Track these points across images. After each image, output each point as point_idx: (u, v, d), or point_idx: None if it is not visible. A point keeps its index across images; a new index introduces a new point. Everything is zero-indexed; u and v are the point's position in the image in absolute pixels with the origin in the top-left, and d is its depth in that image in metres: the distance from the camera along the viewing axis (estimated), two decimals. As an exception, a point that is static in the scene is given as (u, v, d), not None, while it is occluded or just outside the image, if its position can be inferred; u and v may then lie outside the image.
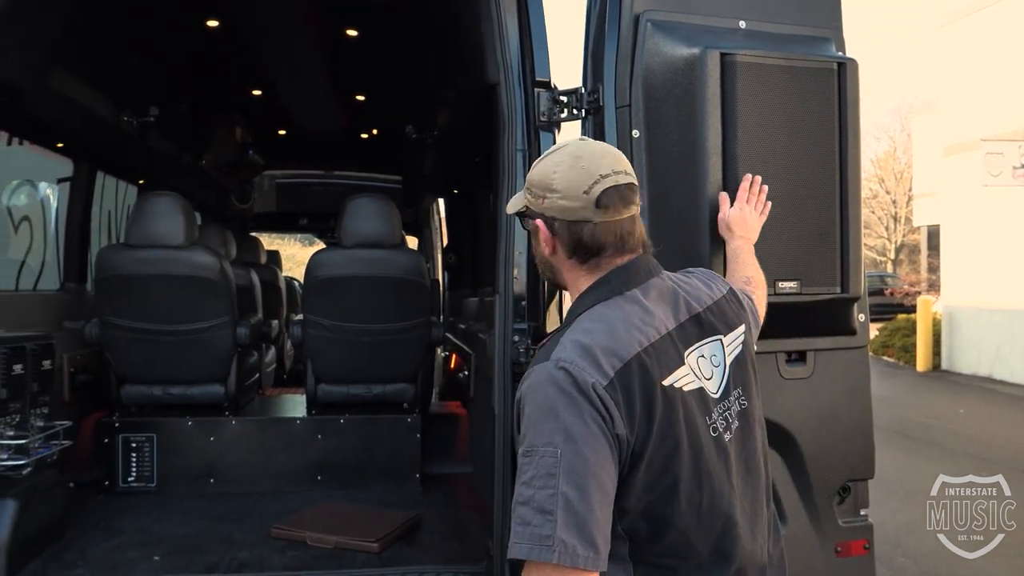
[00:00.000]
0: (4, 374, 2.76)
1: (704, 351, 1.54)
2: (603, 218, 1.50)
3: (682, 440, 1.41)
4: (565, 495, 1.29)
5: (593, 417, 1.34)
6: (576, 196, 1.50)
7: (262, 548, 3.06)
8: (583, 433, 1.33)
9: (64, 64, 3.53)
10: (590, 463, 1.32)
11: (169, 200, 3.67)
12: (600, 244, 1.52)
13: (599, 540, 1.31)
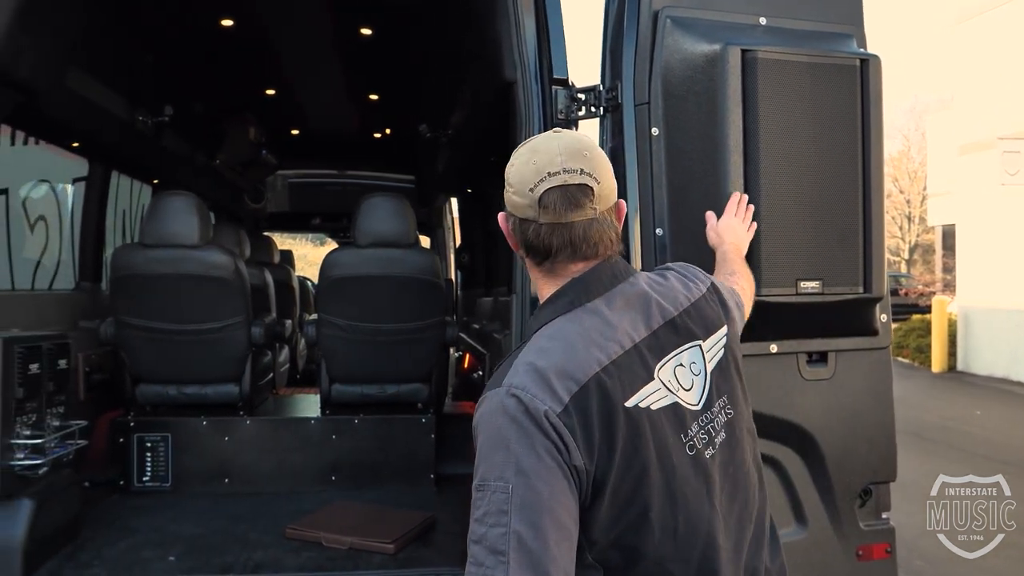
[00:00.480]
0: (21, 373, 2.76)
1: (683, 359, 1.42)
2: (547, 219, 1.36)
3: (650, 465, 1.30)
4: (518, 533, 1.20)
5: (547, 448, 1.24)
6: (524, 193, 1.37)
7: (277, 548, 3.05)
8: (535, 467, 1.23)
9: (80, 64, 3.53)
10: (543, 498, 1.21)
11: (184, 199, 3.67)
12: (548, 246, 1.38)
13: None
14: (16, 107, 3.10)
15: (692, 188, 2.45)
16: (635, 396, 1.32)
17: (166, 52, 4.48)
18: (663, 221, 2.49)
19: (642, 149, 2.51)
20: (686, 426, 1.37)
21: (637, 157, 2.51)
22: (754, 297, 2.10)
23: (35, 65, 2.96)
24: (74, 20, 3.23)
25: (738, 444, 1.47)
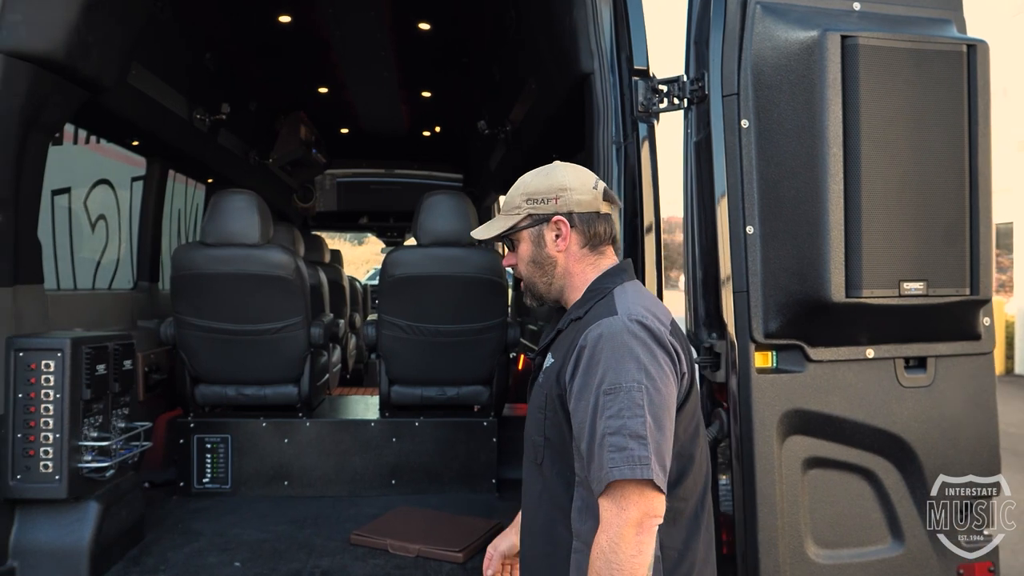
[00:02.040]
0: (88, 374, 2.71)
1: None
2: (608, 210, 1.81)
3: (697, 391, 1.71)
4: (651, 425, 1.52)
5: (665, 360, 1.59)
6: (587, 191, 1.79)
7: (343, 555, 2.97)
8: (659, 374, 1.57)
9: (141, 61, 3.50)
10: (665, 398, 1.56)
11: (245, 198, 3.61)
12: (610, 232, 1.81)
13: (667, 465, 1.55)
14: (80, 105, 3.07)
15: (786, 183, 2.31)
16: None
17: (224, 49, 4.45)
18: (754, 219, 2.35)
19: (731, 142, 2.38)
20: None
21: (725, 151, 2.38)
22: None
23: (100, 62, 2.92)
24: (137, 16, 3.19)
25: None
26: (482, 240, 1.96)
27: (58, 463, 2.61)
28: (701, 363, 2.44)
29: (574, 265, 1.79)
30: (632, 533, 1.49)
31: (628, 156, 2.61)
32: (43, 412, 2.61)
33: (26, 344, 2.62)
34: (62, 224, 3.76)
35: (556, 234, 1.79)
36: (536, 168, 1.88)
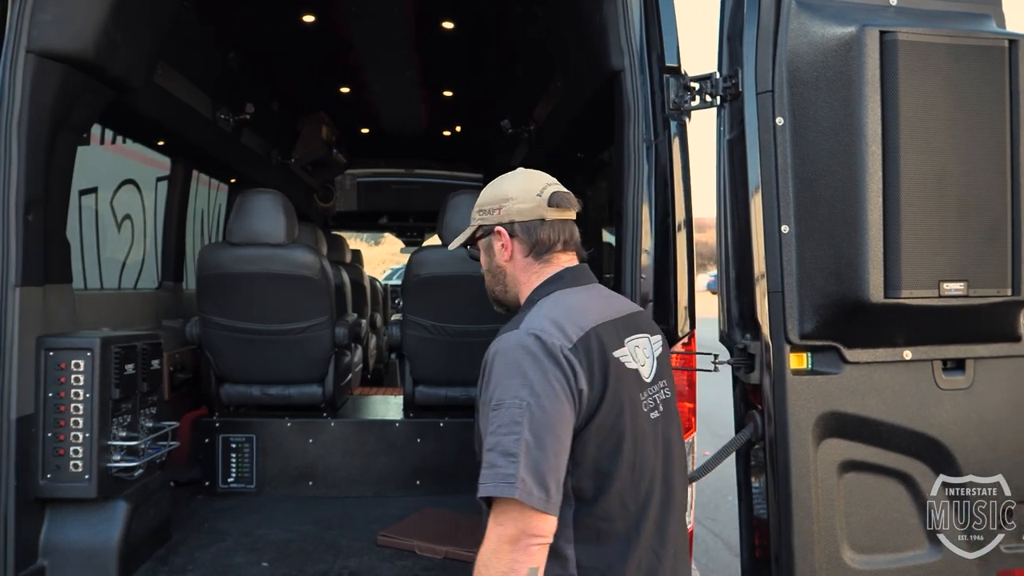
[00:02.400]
0: (117, 374, 2.71)
1: (639, 342, 1.74)
2: (554, 216, 1.77)
3: (626, 405, 1.62)
4: (527, 441, 1.48)
5: (556, 376, 1.53)
6: (530, 199, 1.77)
7: (370, 556, 2.96)
8: (546, 390, 1.52)
9: (168, 61, 3.50)
10: (549, 416, 1.51)
11: (270, 197, 3.61)
12: (554, 239, 1.77)
13: (551, 485, 1.49)
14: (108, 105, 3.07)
15: (823, 182, 2.27)
16: (618, 351, 1.66)
17: (248, 49, 4.46)
18: (789, 218, 2.31)
19: (765, 140, 2.34)
20: (643, 388, 1.70)
21: (760, 149, 2.34)
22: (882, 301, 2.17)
23: (129, 62, 2.92)
24: (164, 16, 3.19)
25: (672, 421, 1.79)
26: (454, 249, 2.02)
27: (88, 462, 2.62)
28: (735, 364, 2.41)
29: (520, 274, 1.80)
30: (507, 550, 1.48)
31: (659, 154, 2.58)
32: (73, 412, 2.62)
33: (56, 344, 2.62)
34: (89, 224, 3.78)
35: (501, 244, 1.80)
36: (502, 176, 1.89)
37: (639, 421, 1.64)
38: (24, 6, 2.49)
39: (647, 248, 2.57)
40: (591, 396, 1.57)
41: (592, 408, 1.57)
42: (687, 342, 2.52)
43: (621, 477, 1.59)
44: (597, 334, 1.62)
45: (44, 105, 2.58)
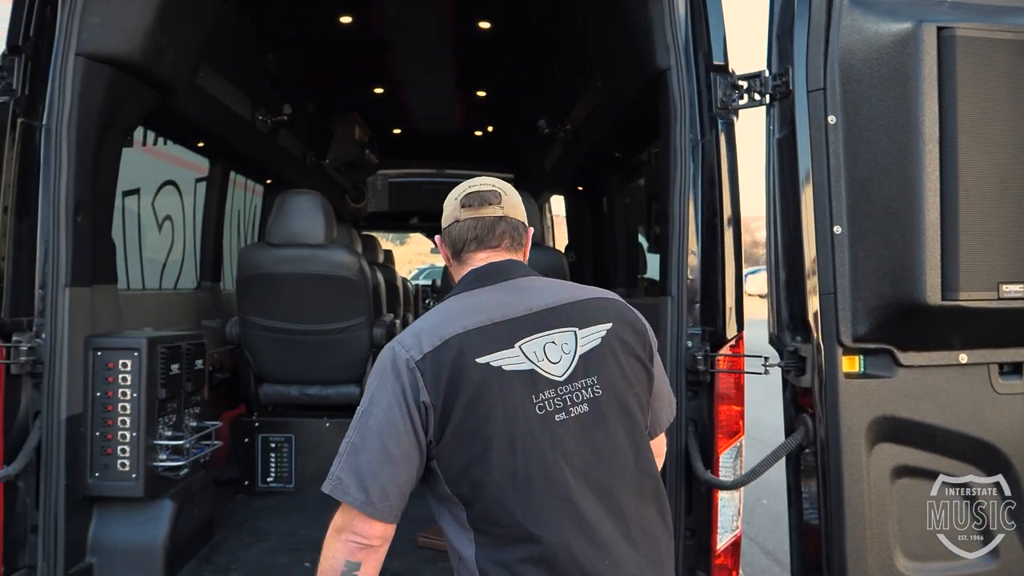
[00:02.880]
0: (163, 374, 2.74)
1: (556, 339, 1.65)
2: (467, 215, 1.77)
3: (494, 412, 1.55)
4: (354, 444, 1.57)
5: (394, 389, 1.56)
6: (451, 202, 1.82)
7: (411, 557, 2.96)
8: (381, 400, 1.57)
9: (209, 63, 3.52)
10: (380, 424, 1.55)
11: (309, 198, 3.62)
12: (464, 237, 1.77)
13: (372, 488, 1.54)
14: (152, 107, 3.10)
15: (877, 181, 2.22)
16: (488, 356, 1.59)
17: (286, 50, 4.48)
18: (842, 218, 2.26)
19: (816, 139, 2.29)
20: (539, 390, 1.60)
21: (811, 148, 2.30)
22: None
23: (174, 64, 2.95)
24: (207, 18, 3.22)
25: (604, 421, 1.64)
26: None
27: (135, 462, 2.64)
28: (785, 367, 2.37)
29: (454, 277, 1.84)
30: (332, 537, 1.61)
31: (706, 154, 2.54)
32: (120, 411, 2.64)
33: (104, 344, 2.64)
34: (131, 224, 3.81)
35: (443, 253, 1.89)
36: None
37: (519, 425, 1.55)
38: (74, 9, 2.52)
39: (693, 249, 2.55)
40: (440, 406, 1.55)
41: (444, 418, 1.55)
42: (735, 344, 2.48)
43: (497, 485, 1.53)
44: (459, 342, 1.58)
45: (92, 107, 2.61)
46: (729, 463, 2.48)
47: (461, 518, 1.58)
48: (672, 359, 2.51)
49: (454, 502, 1.58)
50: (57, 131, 2.49)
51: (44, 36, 2.50)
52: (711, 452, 2.47)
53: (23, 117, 2.45)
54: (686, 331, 2.52)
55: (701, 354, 2.47)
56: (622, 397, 1.67)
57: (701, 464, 2.43)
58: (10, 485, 2.41)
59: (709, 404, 2.49)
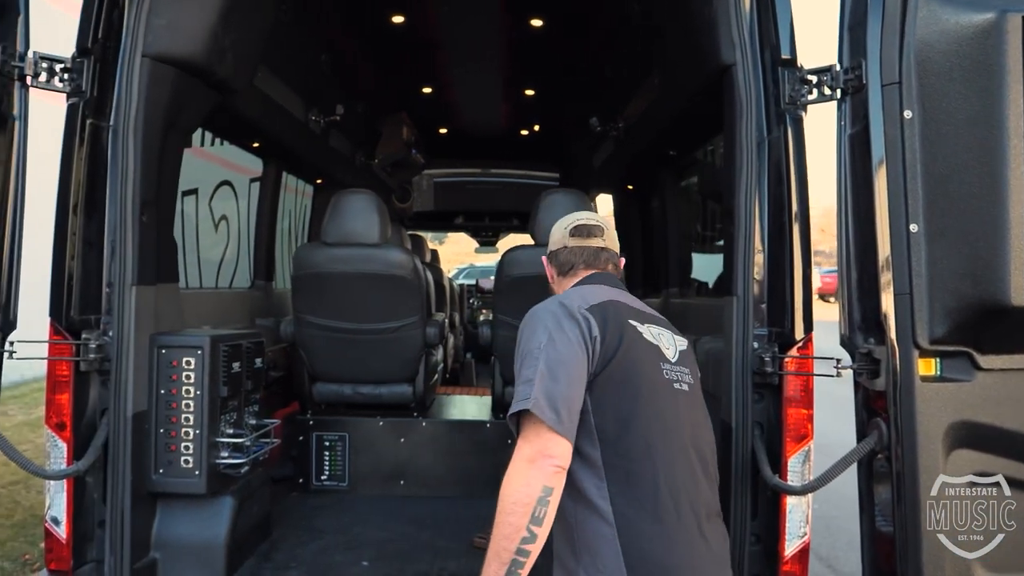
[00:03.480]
0: (225, 372, 2.76)
1: (661, 331, 1.98)
2: (574, 243, 2.16)
3: (642, 361, 1.85)
4: (542, 372, 1.73)
5: (571, 327, 1.80)
6: (559, 231, 2.23)
7: (468, 558, 2.95)
8: (560, 337, 1.78)
9: (266, 63, 3.55)
10: (562, 355, 1.76)
11: (364, 197, 3.63)
12: (574, 261, 2.15)
13: (562, 409, 1.70)
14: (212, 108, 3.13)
15: (957, 178, 2.14)
16: (632, 320, 1.91)
17: (339, 51, 4.51)
18: (918, 216, 2.18)
19: (891, 135, 2.22)
20: (664, 361, 1.91)
21: (885, 144, 2.22)
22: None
23: (234, 65, 2.97)
24: (265, 19, 3.24)
25: (698, 406, 1.95)
26: None
27: (198, 459, 2.67)
28: (858, 369, 2.30)
29: (556, 284, 2.21)
30: (524, 467, 1.67)
31: (773, 150, 2.48)
32: (184, 408, 2.67)
33: (168, 341, 2.68)
34: (189, 224, 3.86)
35: (547, 270, 2.26)
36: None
37: (657, 377, 1.85)
38: (140, 11, 2.55)
39: (760, 247, 2.48)
40: (605, 344, 1.81)
41: (607, 355, 1.80)
42: (803, 346, 2.42)
43: (642, 418, 1.78)
44: (614, 304, 1.92)
45: (157, 108, 2.64)
46: (797, 468, 2.41)
47: (594, 456, 1.75)
48: (738, 360, 2.46)
49: (590, 438, 1.76)
50: (124, 131, 2.52)
51: (112, 38, 2.53)
52: (778, 456, 2.41)
53: (92, 118, 2.49)
54: (752, 332, 2.46)
55: (769, 355, 2.41)
56: (700, 395, 1.99)
57: (769, 468, 2.37)
58: (79, 480, 2.46)
59: (776, 407, 2.43)
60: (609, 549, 1.70)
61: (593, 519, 1.72)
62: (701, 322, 3.66)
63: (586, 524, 1.73)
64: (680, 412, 1.86)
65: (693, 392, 1.94)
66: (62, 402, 2.44)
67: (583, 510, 1.73)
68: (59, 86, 2.44)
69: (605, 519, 1.72)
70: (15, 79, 2.33)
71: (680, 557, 1.73)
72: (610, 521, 1.72)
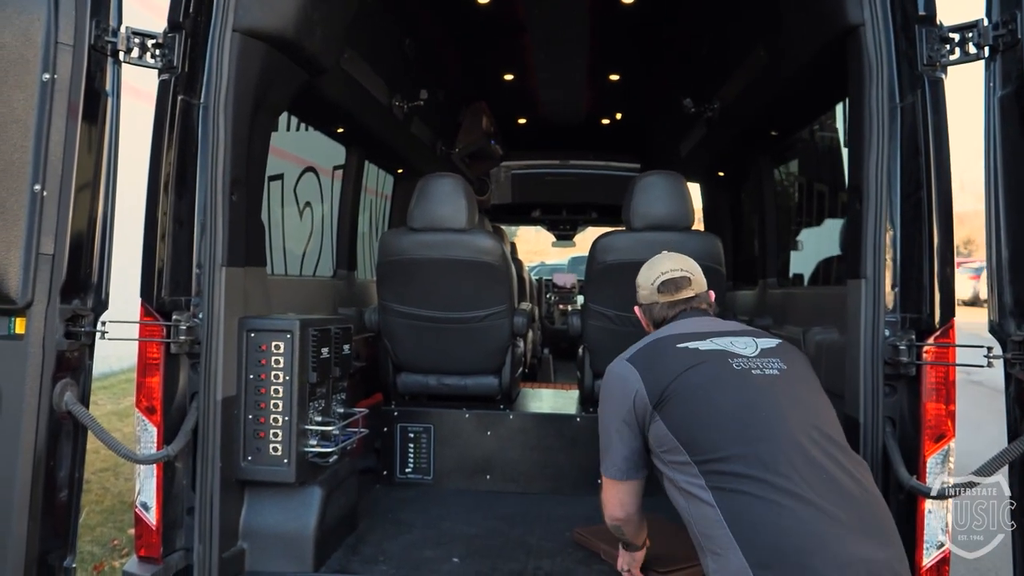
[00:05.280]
0: (315, 357, 2.67)
1: (738, 340, 2.17)
2: (663, 300, 2.40)
3: (701, 371, 2.06)
4: (602, 439, 2.26)
5: (617, 390, 2.18)
6: (647, 287, 2.45)
7: (564, 558, 2.79)
8: (610, 406, 2.21)
9: (351, 45, 3.47)
10: (609, 418, 2.21)
11: (452, 181, 3.51)
12: (664, 316, 2.40)
13: (620, 462, 2.21)
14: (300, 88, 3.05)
15: None
16: (686, 343, 2.15)
17: (423, 35, 4.41)
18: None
19: (1052, 95, 1.97)
20: (734, 357, 2.10)
21: (1044, 106, 1.97)
22: None
23: (322, 42, 2.88)
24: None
25: (797, 380, 2.09)
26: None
27: (286, 446, 2.58)
28: (1010, 359, 2.04)
29: (650, 330, 2.44)
30: (608, 498, 2.40)
31: (907, 117, 2.25)
32: (273, 394, 2.59)
33: (257, 325, 2.60)
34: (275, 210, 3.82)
35: (641, 317, 2.52)
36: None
37: (724, 373, 2.04)
38: (231, -15, 2.48)
39: (893, 226, 2.25)
40: (654, 379, 2.08)
41: (661, 384, 2.06)
42: (943, 333, 2.17)
43: (717, 413, 1.98)
44: (661, 340, 2.20)
45: (247, 85, 2.57)
46: (936, 469, 2.17)
47: (685, 461, 1.97)
48: (866, 349, 2.23)
49: (678, 450, 1.99)
50: (214, 108, 2.45)
51: (203, 13, 2.47)
52: (915, 456, 2.18)
53: (183, 94, 2.43)
54: (883, 318, 2.23)
55: (904, 344, 2.18)
56: (807, 376, 2.14)
57: (904, 469, 2.14)
58: (168, 466, 2.40)
59: (912, 401, 2.20)
60: (720, 531, 1.85)
61: (702, 509, 1.91)
62: (809, 313, 3.42)
63: (699, 516, 1.92)
64: (766, 391, 2.00)
65: (786, 373, 2.06)
66: (152, 385, 2.38)
67: (693, 505, 1.94)
68: (151, 62, 2.39)
69: (710, 506, 1.89)
70: (108, 55, 2.28)
71: (792, 523, 1.79)
72: (714, 505, 1.88)
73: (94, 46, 2.23)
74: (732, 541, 1.82)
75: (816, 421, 1.97)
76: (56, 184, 2.17)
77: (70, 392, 2.19)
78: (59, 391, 2.17)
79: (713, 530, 1.87)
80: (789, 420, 1.94)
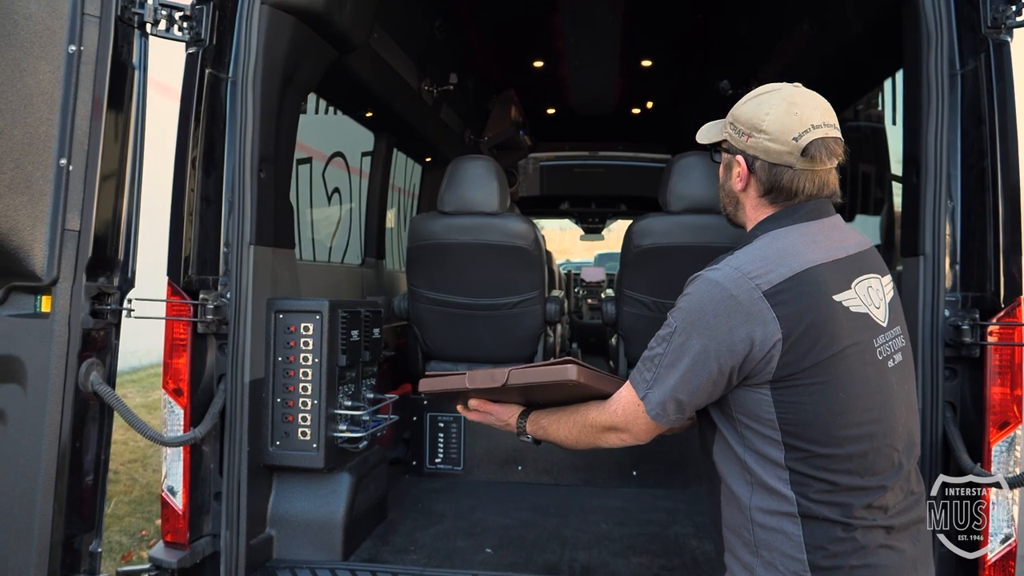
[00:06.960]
0: (344, 340, 2.60)
1: (871, 283, 1.59)
2: (805, 166, 1.58)
3: (847, 353, 1.49)
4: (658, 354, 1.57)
5: (726, 318, 1.48)
6: (785, 141, 1.57)
7: (599, 550, 2.69)
8: (707, 328, 1.50)
9: (382, 24, 3.39)
10: (696, 341, 1.51)
11: (483, 163, 3.42)
12: (797, 190, 1.60)
13: (669, 404, 1.55)
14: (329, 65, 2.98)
15: None
16: (839, 295, 1.52)
17: (453, 18, 4.33)
18: None
19: None
20: (875, 334, 1.56)
21: (1124, 67, 1.84)
22: None
23: (352, 17, 2.81)
24: (382, -25, 3.07)
25: (909, 372, 1.64)
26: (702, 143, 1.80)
27: (315, 431, 2.51)
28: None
29: (751, 211, 1.68)
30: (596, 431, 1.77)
31: (969, 84, 2.12)
32: (302, 377, 2.52)
33: (286, 306, 2.53)
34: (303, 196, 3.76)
35: (738, 173, 1.66)
36: (767, 86, 1.65)
37: (867, 370, 1.52)
38: (259, -44, 2.41)
39: (954, 199, 2.13)
40: (790, 341, 1.46)
41: (799, 355, 1.47)
42: (1010, 312, 2.05)
43: (842, 417, 1.49)
44: (812, 276, 1.51)
45: (276, 59, 2.50)
46: (1002, 457, 2.05)
47: (778, 459, 1.51)
48: (926, 329, 2.11)
49: (775, 443, 1.51)
50: (243, 83, 2.39)
51: (231, -16, 2.41)
52: (978, 443, 2.05)
53: (211, 68, 2.36)
54: (943, 296, 2.11)
55: (967, 323, 2.05)
56: (912, 360, 1.67)
57: (967, 456, 2.02)
58: (195, 449, 2.34)
59: (975, 385, 2.07)
60: (794, 548, 1.50)
61: (776, 519, 1.51)
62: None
63: (768, 522, 1.52)
64: (890, 397, 1.55)
65: (905, 362, 1.62)
66: (179, 366, 2.32)
67: (765, 509, 1.52)
68: (178, 35, 2.32)
69: (791, 519, 1.51)
70: (135, 27, 2.22)
71: (865, 561, 1.50)
72: (796, 520, 1.50)
73: (121, 17, 2.17)
74: (806, 569, 1.50)
75: (915, 435, 1.63)
76: (82, 159, 2.10)
77: (96, 372, 2.13)
78: (85, 371, 2.11)
79: (784, 546, 1.52)
80: (899, 444, 1.56)
